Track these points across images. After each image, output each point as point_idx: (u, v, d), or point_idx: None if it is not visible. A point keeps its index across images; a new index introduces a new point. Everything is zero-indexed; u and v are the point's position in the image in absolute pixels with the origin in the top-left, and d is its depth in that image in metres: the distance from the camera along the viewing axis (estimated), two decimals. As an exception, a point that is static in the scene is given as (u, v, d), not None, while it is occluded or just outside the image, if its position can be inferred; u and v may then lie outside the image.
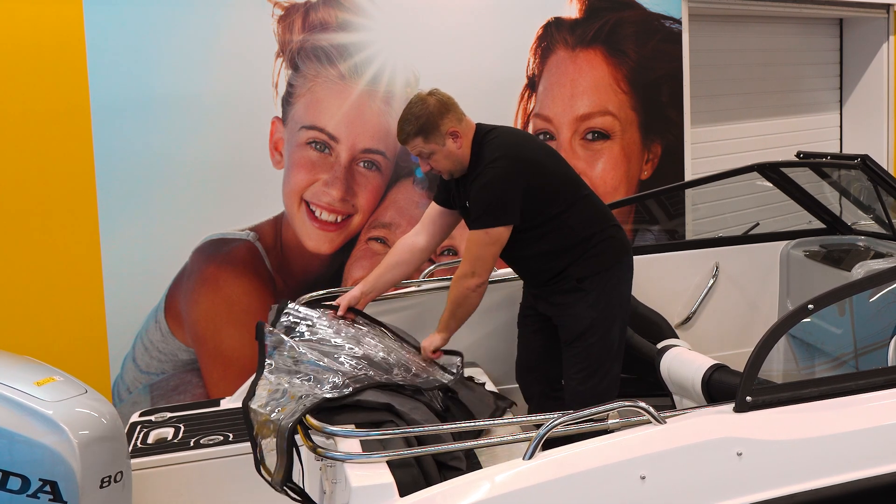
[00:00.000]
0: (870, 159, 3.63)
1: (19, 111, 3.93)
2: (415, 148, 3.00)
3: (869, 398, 2.33)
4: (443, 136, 2.95)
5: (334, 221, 4.61)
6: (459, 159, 3.00)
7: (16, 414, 2.32)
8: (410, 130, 2.95)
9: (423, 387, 2.71)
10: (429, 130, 2.94)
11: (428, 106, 2.95)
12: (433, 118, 2.93)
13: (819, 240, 4.26)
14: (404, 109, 3.00)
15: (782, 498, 2.10)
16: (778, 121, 6.81)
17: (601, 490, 2.02)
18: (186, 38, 4.23)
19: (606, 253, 3.07)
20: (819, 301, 2.37)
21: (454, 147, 2.97)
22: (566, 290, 3.05)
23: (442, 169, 3.03)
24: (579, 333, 3.03)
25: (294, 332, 2.86)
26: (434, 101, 2.97)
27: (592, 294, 3.03)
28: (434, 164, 3.01)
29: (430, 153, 2.98)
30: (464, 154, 3.00)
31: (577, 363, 3.05)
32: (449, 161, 2.99)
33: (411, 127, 2.95)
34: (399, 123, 2.99)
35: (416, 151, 3.01)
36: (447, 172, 3.04)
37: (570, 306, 3.05)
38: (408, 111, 2.98)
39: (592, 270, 3.04)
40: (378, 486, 1.99)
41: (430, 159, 3.00)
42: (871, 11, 6.87)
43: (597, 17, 5.23)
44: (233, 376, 4.25)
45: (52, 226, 4.02)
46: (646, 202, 5.50)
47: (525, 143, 3.10)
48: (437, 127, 2.94)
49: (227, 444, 3.03)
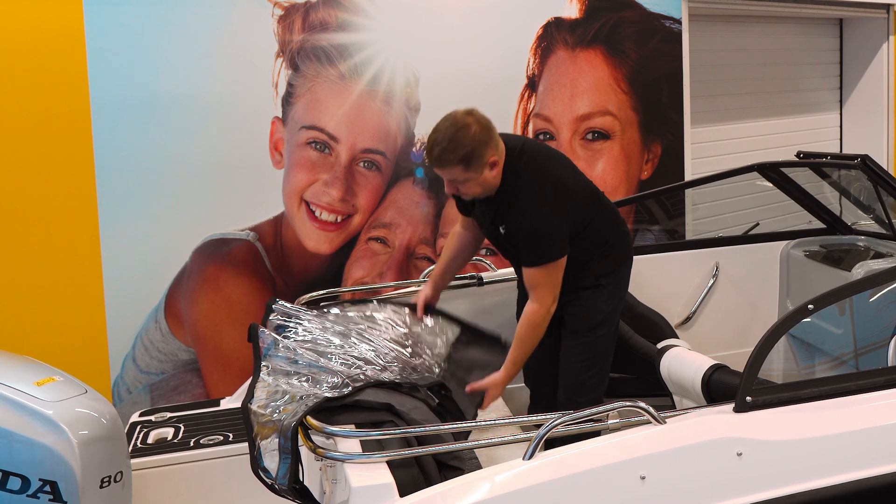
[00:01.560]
0: (870, 159, 3.62)
1: (19, 111, 3.93)
2: (450, 174, 2.79)
3: (869, 398, 2.33)
4: (483, 165, 2.77)
5: (334, 221, 4.61)
6: (492, 186, 2.85)
7: (16, 414, 2.32)
8: (452, 159, 2.73)
9: (419, 383, 2.71)
10: (471, 160, 2.74)
11: (472, 133, 2.73)
12: (479, 149, 2.74)
13: (819, 240, 4.26)
14: (441, 130, 2.75)
15: (782, 498, 2.10)
16: (778, 121, 6.81)
17: (601, 490, 2.02)
18: (186, 38, 4.23)
19: (622, 251, 3.10)
20: (819, 301, 2.37)
21: (490, 175, 2.81)
22: (584, 286, 3.04)
23: (470, 193, 2.88)
24: (592, 325, 3.04)
25: (285, 331, 2.86)
26: (477, 128, 2.75)
27: (608, 289, 3.05)
28: (465, 190, 2.84)
29: (465, 180, 2.80)
30: (496, 180, 2.85)
31: (582, 353, 3.05)
32: (481, 188, 2.84)
33: (453, 156, 2.72)
34: (437, 147, 2.74)
35: (450, 178, 2.81)
36: (472, 196, 2.92)
37: (586, 299, 3.04)
38: (451, 136, 2.72)
39: (610, 268, 3.06)
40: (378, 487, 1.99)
41: (462, 185, 2.82)
42: (871, 11, 6.87)
43: (597, 17, 5.23)
44: (233, 376, 4.25)
45: (53, 226, 4.02)
46: (646, 202, 5.50)
47: (556, 166, 2.98)
48: (481, 157, 2.75)
49: (227, 444, 3.03)
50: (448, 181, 2.84)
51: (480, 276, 3.60)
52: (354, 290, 3.93)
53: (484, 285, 3.59)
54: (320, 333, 2.87)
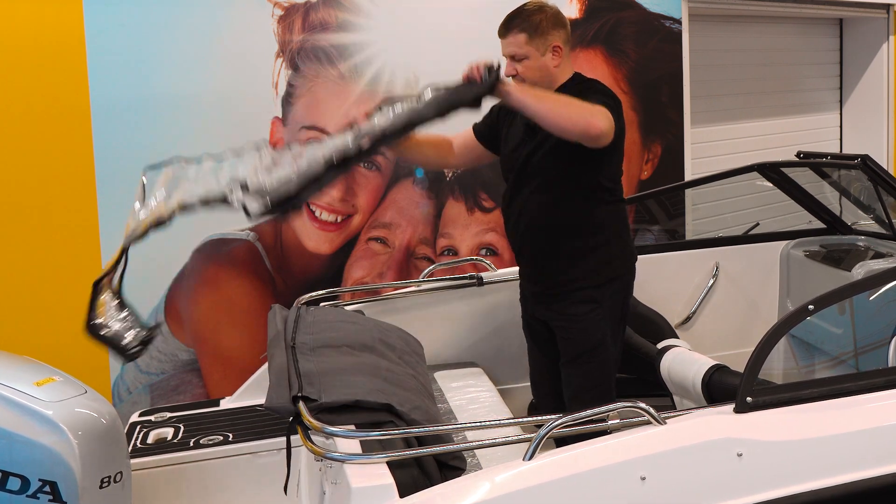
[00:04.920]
0: (870, 159, 3.62)
1: (19, 111, 3.93)
2: (512, 45, 2.81)
3: (869, 398, 2.33)
4: (547, 45, 2.79)
5: (334, 221, 4.61)
6: (550, 78, 2.82)
7: (16, 414, 2.31)
8: (518, 24, 2.78)
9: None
10: (536, 32, 2.77)
11: (546, 12, 2.81)
12: (546, 25, 2.78)
13: (819, 240, 4.26)
14: (519, 5, 2.83)
15: (783, 499, 2.10)
16: (778, 121, 6.81)
17: (601, 490, 2.02)
18: (186, 38, 4.23)
19: (620, 258, 2.93)
20: (819, 301, 2.36)
21: (551, 62, 2.81)
22: (579, 299, 2.88)
23: (528, 79, 2.81)
24: (590, 348, 2.89)
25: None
26: (552, 10, 2.83)
27: (605, 307, 2.88)
28: (522, 71, 2.81)
29: (525, 56, 2.80)
30: (556, 75, 2.83)
31: (583, 384, 2.90)
32: (539, 74, 2.81)
33: (521, 21, 2.78)
34: (508, 15, 2.82)
35: (511, 50, 2.82)
36: (529, 79, 2.82)
37: (581, 319, 2.88)
38: (521, 8, 2.82)
39: (606, 278, 2.88)
40: (378, 487, 1.99)
41: (520, 63, 2.81)
42: (871, 11, 6.86)
43: (597, 17, 5.22)
44: (233, 376, 4.25)
45: (52, 226, 4.01)
46: (646, 202, 5.50)
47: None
48: (546, 33, 2.78)
49: (227, 444, 3.03)
50: (508, 57, 2.84)
51: (480, 277, 3.59)
52: (354, 290, 3.93)
53: (484, 285, 3.58)
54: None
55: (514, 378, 3.55)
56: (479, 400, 3.15)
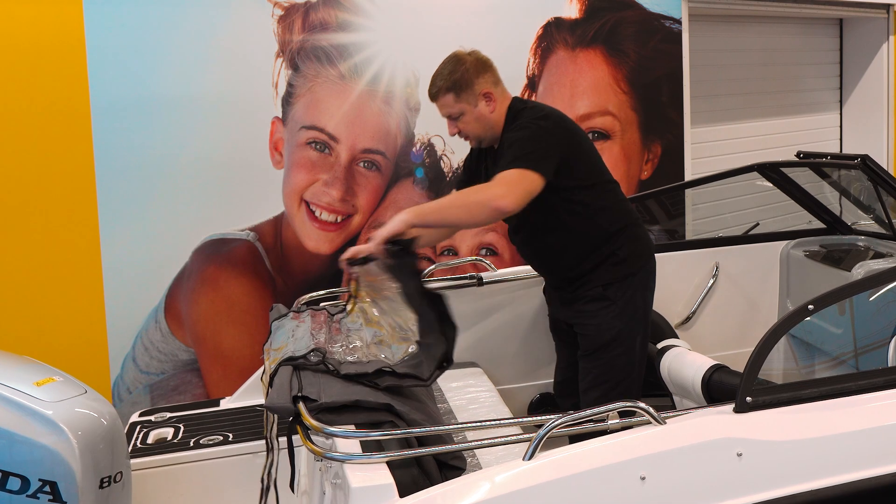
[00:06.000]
0: (870, 159, 3.62)
1: (19, 111, 3.93)
2: (444, 107, 2.85)
3: (869, 398, 2.32)
4: (475, 96, 2.81)
5: (334, 221, 4.61)
6: (491, 125, 2.85)
7: (16, 414, 2.31)
8: (442, 86, 2.80)
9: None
10: (461, 88, 2.79)
11: (464, 63, 2.81)
12: (468, 75, 2.79)
13: (819, 240, 4.25)
14: (440, 65, 2.85)
15: (783, 498, 2.09)
16: (778, 121, 6.81)
17: (601, 490, 2.02)
18: (186, 38, 4.23)
19: (632, 255, 2.97)
20: (819, 301, 2.36)
21: (486, 110, 2.83)
22: (591, 297, 2.93)
23: (470, 133, 2.87)
24: (602, 345, 2.93)
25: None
26: (472, 59, 2.83)
27: (618, 304, 2.92)
28: (462, 127, 2.86)
29: (460, 113, 2.83)
30: (496, 120, 2.85)
31: (598, 377, 2.94)
32: (479, 125, 2.85)
33: (443, 82, 2.80)
34: (432, 78, 2.85)
35: (446, 112, 2.86)
36: (476, 139, 2.90)
37: (594, 315, 2.94)
38: (442, 66, 2.83)
39: (618, 276, 2.93)
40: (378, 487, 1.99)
41: (458, 121, 2.84)
42: (871, 11, 6.87)
43: (597, 17, 5.23)
44: (233, 376, 4.25)
45: (52, 226, 4.02)
46: (646, 202, 5.49)
47: (565, 115, 2.96)
48: (471, 85, 2.80)
49: (227, 444, 3.03)
50: (447, 118, 2.87)
51: (480, 276, 3.59)
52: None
53: (484, 285, 3.58)
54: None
55: (514, 378, 3.55)
56: (479, 400, 3.15)
